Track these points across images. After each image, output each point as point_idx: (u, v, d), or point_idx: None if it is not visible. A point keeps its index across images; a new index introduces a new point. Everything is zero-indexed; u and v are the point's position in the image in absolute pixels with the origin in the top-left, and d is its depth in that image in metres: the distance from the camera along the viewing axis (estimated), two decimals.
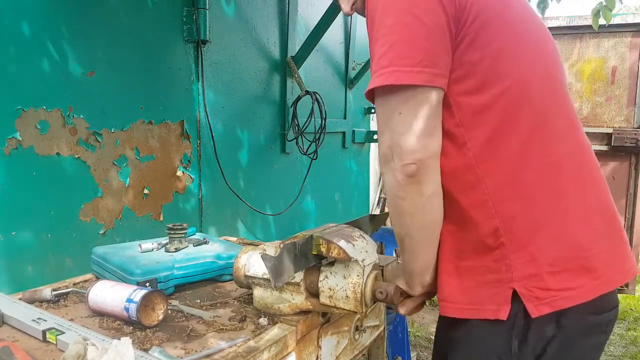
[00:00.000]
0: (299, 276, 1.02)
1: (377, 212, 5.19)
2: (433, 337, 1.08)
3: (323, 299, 1.01)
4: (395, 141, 0.85)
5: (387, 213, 1.59)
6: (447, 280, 0.96)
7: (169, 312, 1.11)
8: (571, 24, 4.20)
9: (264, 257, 0.88)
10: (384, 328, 1.48)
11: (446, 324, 1.02)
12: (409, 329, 2.46)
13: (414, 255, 0.96)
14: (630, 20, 3.92)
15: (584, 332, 0.91)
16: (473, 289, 0.92)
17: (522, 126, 0.89)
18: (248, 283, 1.12)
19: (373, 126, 4.22)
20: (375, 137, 3.72)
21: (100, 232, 1.91)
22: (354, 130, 3.58)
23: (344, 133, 3.48)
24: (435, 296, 1.02)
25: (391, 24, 0.85)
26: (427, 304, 1.06)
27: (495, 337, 0.91)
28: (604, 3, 2.85)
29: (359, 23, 3.58)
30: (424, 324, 3.70)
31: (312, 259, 1.00)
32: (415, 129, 0.84)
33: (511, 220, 0.89)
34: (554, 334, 0.88)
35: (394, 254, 1.15)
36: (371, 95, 0.90)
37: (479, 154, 0.89)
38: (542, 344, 0.89)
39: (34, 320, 1.00)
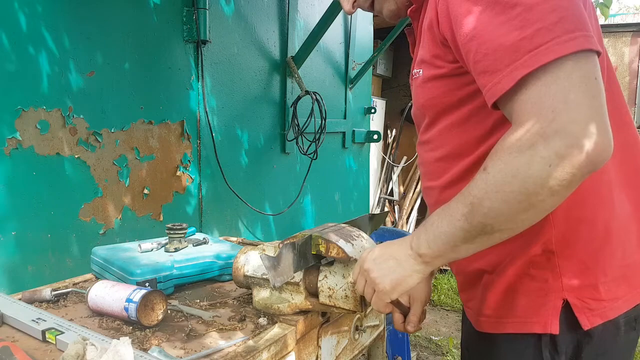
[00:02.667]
0: (298, 276, 1.02)
1: (376, 211, 5.18)
2: (433, 337, 1.06)
3: (322, 298, 1.01)
4: (587, 117, 0.65)
5: (387, 212, 1.59)
6: (486, 293, 0.89)
7: (169, 312, 1.11)
8: None
9: (263, 257, 0.88)
10: (384, 328, 1.48)
11: (474, 336, 0.95)
12: None
13: (476, 247, 0.77)
14: (630, 20, 3.92)
15: (614, 333, 0.86)
16: (511, 299, 0.86)
17: None
18: (247, 283, 1.12)
19: (373, 126, 4.22)
20: (375, 136, 3.72)
21: (100, 232, 1.91)
22: (354, 130, 3.58)
23: (344, 133, 3.48)
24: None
25: None
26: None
27: (526, 349, 0.86)
28: (601, 0, 2.83)
29: (359, 23, 3.58)
30: (424, 324, 3.71)
31: (311, 258, 1.00)
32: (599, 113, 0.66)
33: (565, 226, 0.82)
34: (585, 341, 0.84)
35: None
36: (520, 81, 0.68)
37: None
38: (572, 351, 0.84)
39: (33, 320, 1.00)
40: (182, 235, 1.38)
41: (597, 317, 0.82)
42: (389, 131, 5.61)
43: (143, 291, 1.03)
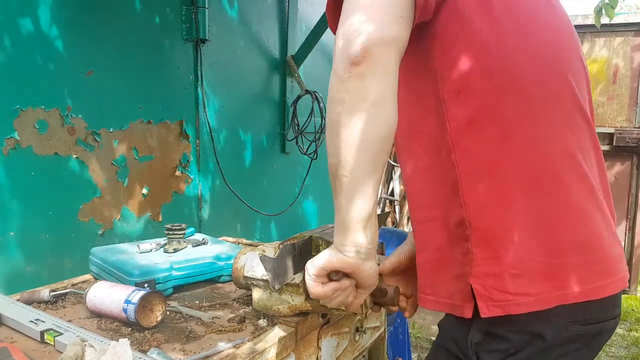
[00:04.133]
0: (298, 277, 1.01)
1: (377, 212, 5.17)
2: (434, 339, 1.05)
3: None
4: (349, 20, 0.73)
5: (388, 213, 1.58)
6: (426, 270, 0.89)
7: (168, 313, 1.10)
8: (573, 23, 4.19)
9: (263, 258, 0.87)
10: (385, 329, 1.48)
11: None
12: (409, 330, 2.46)
13: (349, 195, 0.75)
14: (632, 19, 3.91)
15: (564, 341, 0.81)
16: (447, 282, 0.85)
17: (508, 112, 0.79)
18: (247, 284, 1.11)
19: None
20: None
21: (99, 233, 1.90)
22: None
23: None
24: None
25: None
26: None
27: (459, 329, 0.87)
28: (607, 0, 2.82)
29: None
30: (425, 325, 3.69)
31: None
32: (376, 9, 0.72)
33: (480, 212, 0.79)
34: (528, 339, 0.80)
35: None
36: None
37: (457, 135, 0.80)
38: (505, 347, 0.81)
39: (32, 321, 0.99)
40: (181, 235, 1.37)
41: (497, 308, 0.78)
42: None
43: (142, 292, 1.02)
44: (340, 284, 0.80)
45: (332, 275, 0.80)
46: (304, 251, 0.95)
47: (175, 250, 1.34)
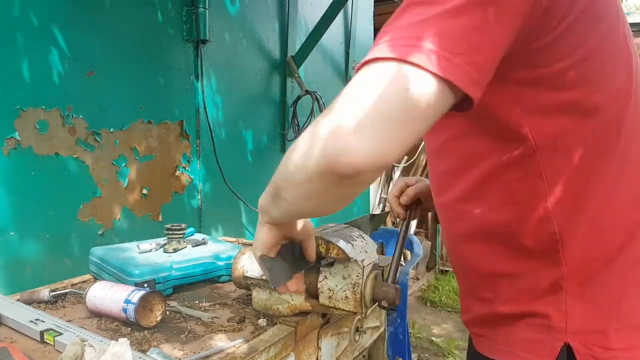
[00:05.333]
0: None
1: (377, 212, 5.18)
2: (434, 339, 1.04)
3: (323, 299, 1.00)
4: (352, 120, 0.54)
5: (387, 212, 1.58)
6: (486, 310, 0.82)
7: (168, 313, 1.10)
8: None
9: (262, 257, 0.87)
10: (385, 329, 1.48)
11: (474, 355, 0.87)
12: (410, 330, 2.46)
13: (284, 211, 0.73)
14: (632, 19, 3.91)
15: None
16: (509, 325, 0.78)
17: (610, 153, 0.70)
18: (247, 284, 1.11)
19: None
20: None
21: (99, 233, 1.90)
22: None
23: None
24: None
25: None
26: (428, 304, 1.00)
27: None
28: None
29: (360, 22, 3.58)
30: (425, 325, 3.70)
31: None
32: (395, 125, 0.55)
33: (582, 266, 0.73)
34: None
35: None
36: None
37: (554, 186, 0.70)
38: None
39: (31, 321, 0.99)
40: (181, 235, 1.38)
41: None
42: None
43: (142, 292, 1.02)
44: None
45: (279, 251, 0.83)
46: (302, 251, 0.95)
47: (175, 250, 1.34)
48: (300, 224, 0.84)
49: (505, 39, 0.59)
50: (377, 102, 0.54)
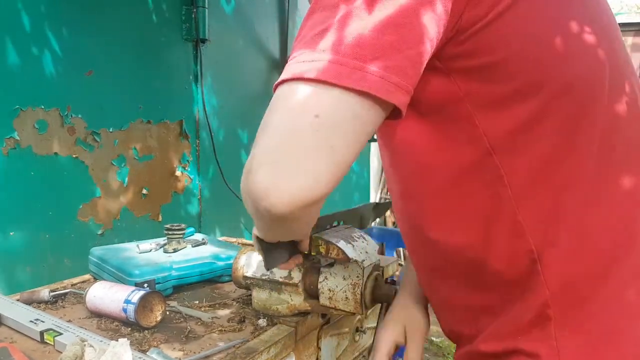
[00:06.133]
0: (297, 277, 1.01)
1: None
2: (434, 339, 1.04)
3: (323, 300, 1.00)
4: (289, 154, 0.48)
5: (389, 203, 1.58)
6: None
7: (168, 313, 1.10)
8: None
9: (259, 239, 0.86)
10: None
11: None
12: None
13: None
14: (633, 19, 3.91)
15: None
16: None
17: (584, 148, 0.60)
18: (247, 284, 1.11)
19: None
20: (375, 136, 3.71)
21: (99, 233, 1.90)
22: None
23: None
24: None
25: None
26: (428, 304, 0.99)
27: None
28: None
29: None
30: None
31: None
32: (336, 154, 0.49)
33: (568, 287, 0.60)
34: None
35: (395, 255, 1.14)
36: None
37: (521, 192, 0.60)
38: None
39: (31, 321, 0.99)
40: (181, 235, 1.37)
41: None
42: None
43: (142, 292, 1.02)
44: None
45: None
46: None
47: (175, 250, 1.34)
48: None
49: (430, 29, 0.51)
50: (287, 134, 0.48)
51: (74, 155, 1.80)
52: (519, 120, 0.58)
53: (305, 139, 0.47)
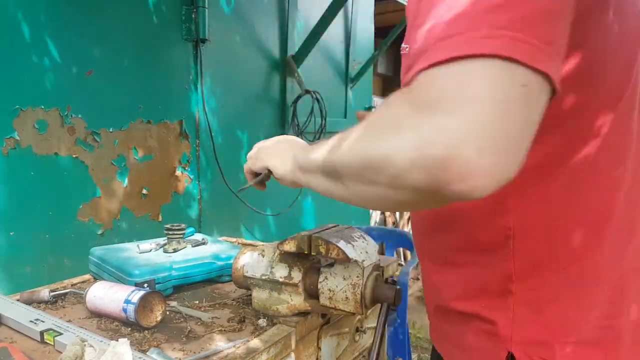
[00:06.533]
0: (297, 277, 1.01)
1: (377, 212, 5.17)
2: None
3: (323, 300, 1.00)
4: (484, 127, 0.43)
5: None
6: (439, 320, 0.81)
7: (168, 313, 1.10)
8: None
9: (256, 174, 0.98)
10: (385, 329, 1.47)
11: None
12: (410, 330, 2.46)
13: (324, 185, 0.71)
14: None
15: None
16: (463, 332, 0.75)
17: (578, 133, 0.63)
18: (247, 284, 1.11)
19: None
20: None
21: (99, 233, 1.90)
22: None
23: None
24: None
25: None
26: None
27: None
28: None
29: (360, 21, 3.57)
30: (425, 325, 3.70)
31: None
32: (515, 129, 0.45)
33: (534, 270, 0.67)
34: None
35: (395, 255, 1.14)
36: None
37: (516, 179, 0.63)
38: None
39: (31, 321, 0.99)
40: (181, 235, 1.37)
41: None
42: None
43: (142, 292, 1.02)
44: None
45: None
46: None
47: (175, 250, 1.34)
48: None
49: (568, 18, 0.49)
50: (498, 105, 0.43)
51: (74, 156, 1.80)
52: None
53: (515, 112, 0.44)
